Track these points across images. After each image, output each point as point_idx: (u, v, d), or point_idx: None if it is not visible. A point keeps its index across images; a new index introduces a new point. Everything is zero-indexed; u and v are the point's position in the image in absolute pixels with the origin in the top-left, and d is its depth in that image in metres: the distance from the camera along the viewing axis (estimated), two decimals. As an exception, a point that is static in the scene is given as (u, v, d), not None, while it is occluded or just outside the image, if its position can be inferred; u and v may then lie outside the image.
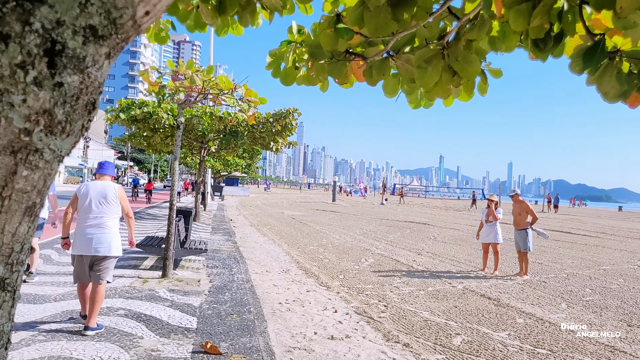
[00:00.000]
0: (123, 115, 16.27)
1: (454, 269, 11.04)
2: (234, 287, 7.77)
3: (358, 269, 10.60)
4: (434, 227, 22.13)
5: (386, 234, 18.38)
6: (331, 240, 15.74)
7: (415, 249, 14.27)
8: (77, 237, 5.23)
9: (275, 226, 20.15)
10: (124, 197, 5.56)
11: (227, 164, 34.72)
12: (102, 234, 5.22)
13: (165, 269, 7.83)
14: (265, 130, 18.39)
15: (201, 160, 19.67)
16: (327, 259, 11.94)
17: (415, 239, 16.98)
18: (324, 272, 10.09)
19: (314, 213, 30.16)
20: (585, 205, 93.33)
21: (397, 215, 31.17)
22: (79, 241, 5.20)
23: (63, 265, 8.62)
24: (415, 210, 39.15)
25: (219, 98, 8.05)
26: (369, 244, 15.28)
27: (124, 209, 5.59)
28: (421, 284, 9.19)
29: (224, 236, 15.18)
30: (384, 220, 25.97)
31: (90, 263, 5.21)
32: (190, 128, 17.35)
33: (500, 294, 8.60)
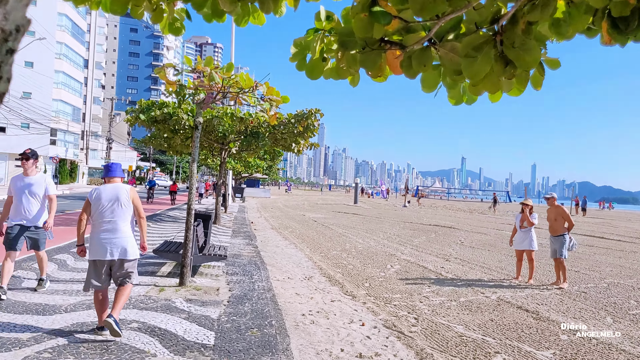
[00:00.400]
0: (143, 116, 16.02)
1: (485, 277, 10.47)
2: (254, 296, 7.35)
3: (384, 277, 10.10)
4: (460, 231, 21.47)
5: (411, 238, 17.82)
6: (354, 245, 15.26)
7: (442, 255, 13.70)
8: (92, 242, 5.15)
9: (297, 229, 19.73)
10: (136, 198, 5.42)
11: (248, 166, 34.46)
12: (118, 238, 5.13)
13: (183, 276, 7.45)
14: (286, 131, 17.99)
15: (222, 161, 19.36)
16: (351, 265, 11.46)
17: (441, 244, 16.39)
18: (349, 280, 9.62)
19: (336, 215, 29.69)
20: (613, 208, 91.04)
21: (420, 218, 30.51)
22: (94, 246, 5.12)
23: (78, 272, 8.30)
24: (439, 213, 38.39)
25: (239, 97, 7.64)
26: (393, 248, 14.76)
27: (137, 209, 5.43)
28: (452, 294, 8.65)
29: (244, 240, 14.80)
30: (407, 223, 25.37)
31: (108, 268, 5.15)
32: (210, 129, 17.03)
33: (539, 306, 8.02)
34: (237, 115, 16.44)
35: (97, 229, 5.15)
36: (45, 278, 7.00)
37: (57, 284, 7.37)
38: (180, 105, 16.62)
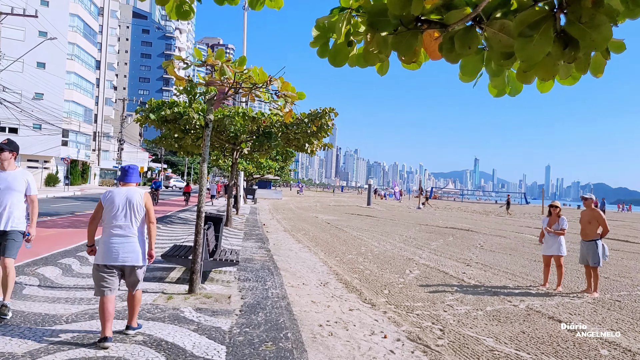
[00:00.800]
0: (153, 115, 15.65)
1: (510, 284, 9.92)
2: (268, 305, 6.89)
3: (403, 283, 9.60)
4: (478, 234, 20.88)
5: (428, 242, 17.28)
6: (370, 248, 14.76)
7: (462, 259, 13.16)
8: (103, 246, 5.02)
9: (310, 231, 19.28)
10: (149, 203, 5.33)
11: (260, 167, 34.04)
12: (130, 243, 5.04)
13: (192, 283, 7.01)
14: (299, 132, 17.53)
15: (233, 162, 18.96)
16: (368, 269, 10.97)
17: (460, 247, 15.83)
18: (367, 286, 9.13)
19: (349, 217, 29.20)
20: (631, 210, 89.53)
21: (436, 220, 29.91)
22: (105, 250, 4.99)
23: (83, 278, 7.89)
24: (454, 215, 37.73)
25: (251, 93, 7.19)
26: (411, 252, 14.24)
27: (148, 214, 5.30)
28: (477, 302, 8.14)
29: (256, 243, 14.37)
30: (423, 225, 24.80)
31: (120, 273, 5.08)
32: (222, 129, 16.63)
33: (571, 316, 7.48)
34: (249, 114, 16.02)
35: (109, 232, 5.03)
36: (8, 305, 5.55)
37: (59, 290, 6.96)
38: (191, 105, 16.25)
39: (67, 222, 17.60)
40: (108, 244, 4.99)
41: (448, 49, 2.89)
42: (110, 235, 5.01)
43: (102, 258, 4.97)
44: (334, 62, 3.32)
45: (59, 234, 13.84)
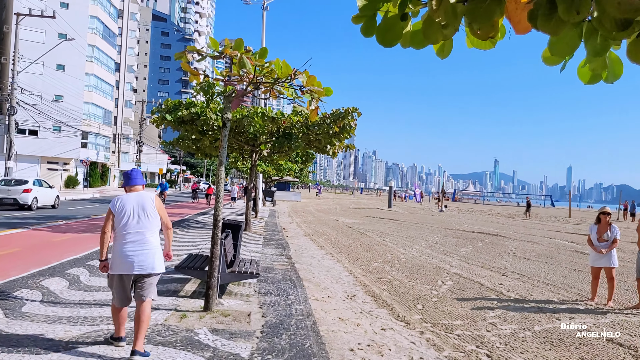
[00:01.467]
0: (169, 116, 15.09)
1: (554, 297, 9.07)
2: (292, 324, 6.18)
3: (437, 296, 8.82)
4: (508, 240, 19.93)
5: (456, 248, 16.43)
6: (396, 255, 13.99)
7: (496, 268, 12.31)
8: (117, 256, 4.78)
9: (332, 236, 18.56)
10: (161, 207, 5.14)
11: (280, 169, 33.40)
12: (145, 251, 4.81)
13: (209, 300, 6.33)
14: (321, 132, 16.80)
15: (252, 164, 18.32)
16: (396, 280, 10.21)
17: (491, 254, 14.96)
18: (398, 300, 8.38)
19: (371, 221, 28.41)
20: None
21: (461, 224, 28.96)
22: (119, 260, 4.76)
23: (90, 291, 7.26)
24: (479, 218, 36.68)
25: (273, 90, 6.50)
26: (439, 259, 13.43)
27: (163, 219, 5.10)
28: (522, 320, 7.32)
29: (277, 249, 13.69)
30: (448, 230, 23.91)
31: (133, 282, 4.87)
32: (240, 130, 16.00)
33: (632, 338, 6.64)
34: (269, 114, 15.37)
35: (122, 241, 4.79)
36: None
37: (63, 307, 6.32)
38: (209, 105, 15.65)
39: (83, 226, 17.14)
40: (123, 254, 4.74)
41: (545, 16, 2.15)
42: (124, 244, 4.76)
43: (118, 269, 4.76)
44: (383, 41, 2.59)
45: (73, 240, 13.33)
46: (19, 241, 12.64)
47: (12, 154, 26.58)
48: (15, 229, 15.16)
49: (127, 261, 4.73)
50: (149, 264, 4.81)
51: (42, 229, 15.40)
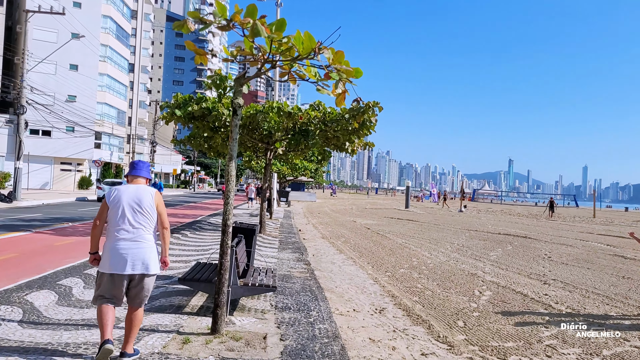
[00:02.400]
0: (179, 111, 14.17)
1: (612, 311, 7.96)
2: (316, 350, 5.17)
3: (477, 309, 7.75)
4: (538, 242, 18.73)
5: (485, 251, 15.31)
6: (422, 260, 12.93)
7: (535, 275, 11.20)
8: (108, 252, 4.40)
9: (351, 238, 17.53)
10: (161, 204, 4.66)
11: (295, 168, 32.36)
12: (139, 249, 4.42)
13: (217, 320, 5.34)
14: (339, 129, 15.76)
15: (267, 163, 17.35)
16: (428, 289, 9.15)
17: (525, 259, 13.83)
18: (434, 315, 7.33)
19: (389, 222, 27.32)
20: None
21: (484, 225, 27.74)
22: (111, 258, 4.37)
23: (80, 308, 6.27)
24: (501, 219, 35.37)
25: (291, 73, 5.48)
26: (470, 265, 12.35)
27: (160, 218, 4.64)
28: (585, 342, 6.24)
29: (294, 254, 12.70)
30: (472, 231, 22.73)
31: (127, 283, 4.43)
32: (254, 126, 15.04)
33: None
34: (285, 109, 14.38)
35: (115, 236, 4.41)
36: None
37: (43, 330, 5.28)
38: (221, 100, 14.72)
39: (88, 228, 16.29)
40: (115, 250, 4.36)
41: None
42: (117, 240, 4.38)
43: (107, 266, 4.35)
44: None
45: (75, 244, 12.46)
46: (18, 245, 11.80)
47: (21, 154, 25.88)
48: (18, 232, 14.36)
49: (120, 259, 4.34)
50: (143, 263, 4.40)
51: (46, 232, 14.58)
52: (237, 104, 5.42)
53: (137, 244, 4.42)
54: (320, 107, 15.64)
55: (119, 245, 4.37)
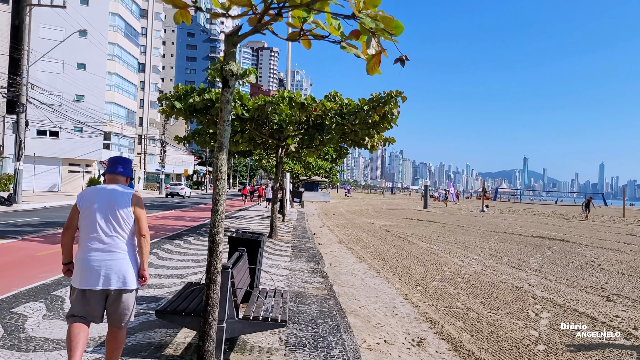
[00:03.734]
0: (179, 103, 12.69)
1: None
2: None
3: (541, 340, 6.13)
4: (579, 246, 16.97)
5: (523, 257, 13.65)
6: (455, 269, 11.31)
7: (591, 288, 9.52)
8: (79, 265, 3.77)
9: (370, 243, 15.96)
10: (139, 207, 3.94)
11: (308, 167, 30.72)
12: (114, 261, 3.77)
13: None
14: (358, 122, 14.16)
15: (278, 161, 15.81)
16: (472, 310, 7.54)
17: (571, 267, 12.15)
18: (489, 349, 5.73)
19: (409, 223, 25.66)
20: None
21: (511, 226, 25.96)
22: (81, 271, 3.74)
23: (27, 351, 4.71)
24: (526, 219, 33.50)
25: (304, 31, 3.89)
26: (511, 275, 10.71)
27: (138, 223, 3.92)
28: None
29: (308, 263, 11.16)
30: (501, 234, 21.00)
31: (103, 300, 3.80)
32: (263, 120, 13.51)
33: None
34: (297, 100, 12.83)
35: (86, 246, 3.81)
36: None
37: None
38: (226, 91, 13.22)
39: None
40: (85, 262, 3.79)
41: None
42: (88, 250, 3.81)
43: (79, 280, 3.79)
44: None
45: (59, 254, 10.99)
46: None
47: (22, 155, 24.64)
48: (2, 239, 12.97)
49: (91, 273, 3.76)
50: (119, 276, 3.80)
51: (33, 239, 13.16)
52: (228, 71, 3.88)
53: (112, 254, 3.80)
54: (336, 97, 14.08)
55: (91, 256, 3.78)
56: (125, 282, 3.82)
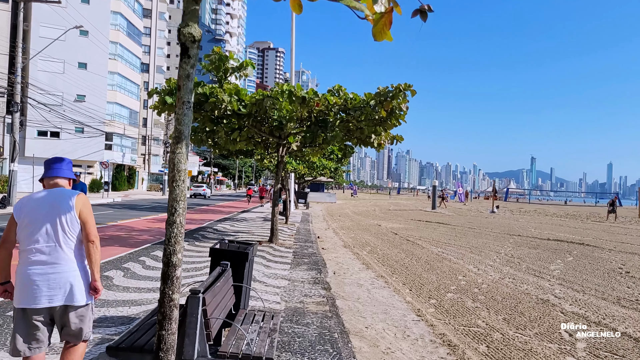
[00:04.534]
0: (170, 98, 11.76)
1: None
2: None
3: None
4: (601, 250, 15.90)
5: (542, 263, 12.62)
6: (471, 278, 10.31)
7: (626, 301, 8.50)
8: (19, 281, 3.36)
9: (378, 247, 14.97)
10: (86, 210, 3.47)
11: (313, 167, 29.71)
12: (58, 273, 3.35)
13: None
14: (363, 119, 13.17)
15: (279, 161, 14.84)
16: (495, 330, 6.54)
17: (597, 275, 11.12)
18: (522, 384, 4.74)
19: (418, 225, 24.64)
20: None
21: (524, 228, 24.86)
22: (21, 288, 3.33)
23: None
24: (539, 221, 32.37)
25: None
26: (533, 285, 9.70)
27: (85, 228, 3.45)
28: None
29: (309, 271, 10.19)
30: (514, 236, 19.94)
31: (49, 319, 3.38)
32: (261, 115, 12.56)
33: None
34: (298, 93, 11.86)
35: (26, 259, 3.36)
36: None
37: None
38: (221, 85, 12.30)
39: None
40: (25, 278, 3.31)
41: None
42: (29, 263, 3.34)
43: (19, 299, 3.32)
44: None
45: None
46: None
47: (16, 155, 23.83)
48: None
49: (31, 289, 3.30)
50: (65, 291, 3.33)
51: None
52: (188, 35, 2.92)
53: (55, 267, 3.39)
54: (340, 92, 13.11)
55: (31, 270, 3.36)
56: (73, 297, 3.38)
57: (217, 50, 11.65)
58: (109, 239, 13.95)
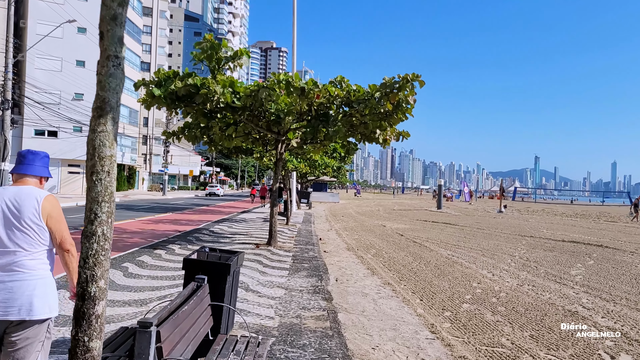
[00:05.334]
0: (158, 90, 10.85)
1: None
2: None
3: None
4: (622, 253, 14.93)
5: (562, 268, 11.67)
6: (486, 284, 9.38)
7: (665, 313, 7.56)
8: None
9: (383, 250, 14.05)
10: (55, 214, 2.98)
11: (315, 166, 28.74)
12: (18, 282, 2.88)
13: None
14: (367, 112, 12.22)
15: (277, 158, 13.92)
16: (523, 351, 5.61)
17: (624, 282, 10.17)
18: None
19: (424, 226, 23.69)
20: None
21: (535, 228, 23.87)
22: None
23: None
24: (550, 221, 31.36)
25: None
26: (556, 293, 8.76)
27: (57, 236, 2.98)
28: None
29: (309, 278, 9.27)
30: (527, 237, 18.97)
31: (1, 333, 2.88)
32: (256, 108, 11.64)
33: None
34: (296, 84, 10.92)
35: None
36: None
37: None
38: (215, 77, 11.39)
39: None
40: None
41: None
42: None
43: None
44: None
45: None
46: None
47: (7, 155, 22.98)
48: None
49: None
50: (23, 302, 2.83)
51: None
52: None
53: (13, 275, 2.86)
54: (342, 83, 12.18)
55: None
56: (31, 310, 2.87)
57: (209, 38, 10.73)
58: (96, 242, 13.06)
